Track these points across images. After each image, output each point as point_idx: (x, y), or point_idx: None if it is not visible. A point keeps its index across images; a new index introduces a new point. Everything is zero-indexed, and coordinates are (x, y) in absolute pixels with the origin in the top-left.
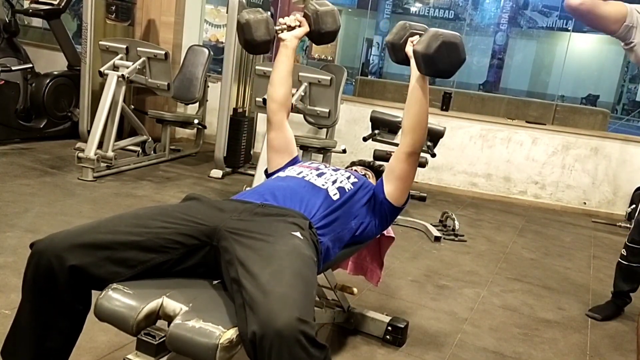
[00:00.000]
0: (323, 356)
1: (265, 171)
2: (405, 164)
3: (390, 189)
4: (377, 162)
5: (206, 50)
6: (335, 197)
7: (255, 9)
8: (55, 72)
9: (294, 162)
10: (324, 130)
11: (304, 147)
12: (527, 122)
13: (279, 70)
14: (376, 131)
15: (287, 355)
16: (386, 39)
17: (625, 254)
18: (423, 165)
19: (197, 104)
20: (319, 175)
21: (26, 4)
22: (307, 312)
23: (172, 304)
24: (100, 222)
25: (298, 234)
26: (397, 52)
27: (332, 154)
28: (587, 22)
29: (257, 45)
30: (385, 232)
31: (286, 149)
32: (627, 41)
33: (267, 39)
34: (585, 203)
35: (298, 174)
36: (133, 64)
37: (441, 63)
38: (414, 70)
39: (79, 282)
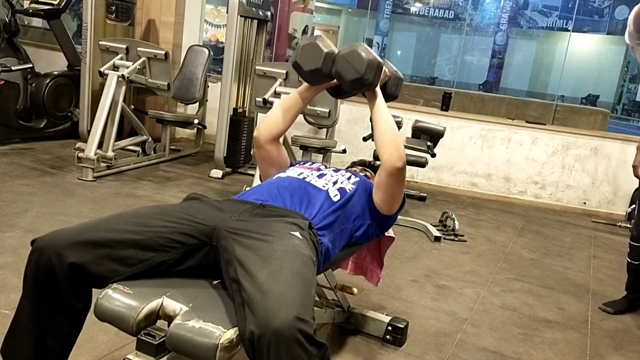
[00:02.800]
0: (322, 354)
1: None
2: (387, 179)
3: (378, 201)
4: (377, 162)
5: (206, 50)
6: (335, 198)
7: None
8: (55, 72)
9: (299, 163)
10: (324, 130)
11: (304, 147)
12: (527, 122)
13: (305, 101)
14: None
15: (285, 353)
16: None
17: (631, 253)
18: (423, 165)
19: (197, 104)
20: (320, 176)
21: (26, 4)
22: (306, 311)
23: (172, 304)
24: (100, 221)
25: (297, 234)
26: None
27: (332, 154)
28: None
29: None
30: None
31: (280, 164)
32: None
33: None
34: (585, 203)
35: (299, 174)
36: (133, 64)
37: (349, 74)
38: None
39: (78, 279)
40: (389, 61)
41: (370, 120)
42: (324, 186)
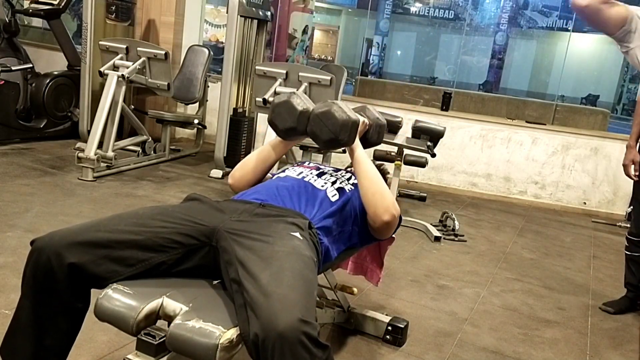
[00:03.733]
0: (325, 356)
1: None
2: (377, 230)
3: (372, 231)
4: (377, 162)
5: (206, 50)
6: (334, 199)
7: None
8: (55, 72)
9: (299, 163)
10: None
11: (303, 147)
12: (527, 122)
13: (278, 154)
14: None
15: (290, 356)
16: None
17: (627, 245)
18: (423, 165)
19: (197, 104)
20: (319, 175)
21: (26, 4)
22: (309, 313)
23: (172, 304)
24: (100, 221)
25: (297, 234)
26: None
27: (332, 153)
28: (590, 22)
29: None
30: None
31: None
32: (624, 44)
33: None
34: (585, 203)
35: (298, 174)
36: (133, 64)
37: (324, 135)
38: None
39: (77, 279)
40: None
41: None
42: (322, 186)
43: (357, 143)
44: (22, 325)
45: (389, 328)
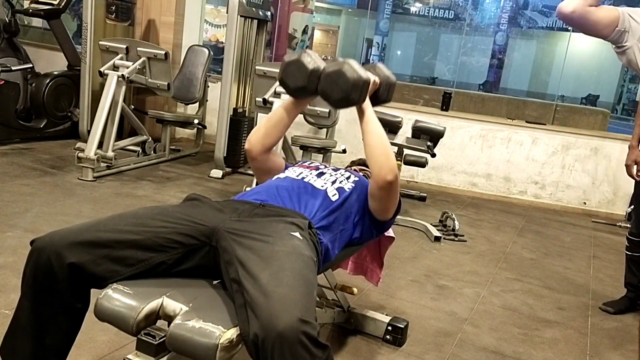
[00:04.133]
0: (325, 356)
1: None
2: (379, 192)
3: (372, 208)
4: None
5: (206, 50)
6: (334, 198)
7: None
8: (55, 72)
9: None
10: (324, 130)
11: (304, 147)
12: (527, 122)
13: (292, 116)
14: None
15: (290, 356)
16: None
17: (628, 245)
18: (423, 165)
19: (197, 104)
20: (319, 175)
21: (26, 4)
22: (309, 313)
23: (172, 304)
24: (100, 221)
25: (297, 234)
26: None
27: (332, 154)
28: (579, 28)
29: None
30: (384, 232)
31: (276, 172)
32: (619, 44)
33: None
34: (585, 203)
35: (297, 175)
36: (133, 64)
37: (335, 94)
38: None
39: (77, 279)
40: (384, 64)
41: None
42: (322, 186)
43: (367, 102)
44: (22, 325)
45: (389, 328)
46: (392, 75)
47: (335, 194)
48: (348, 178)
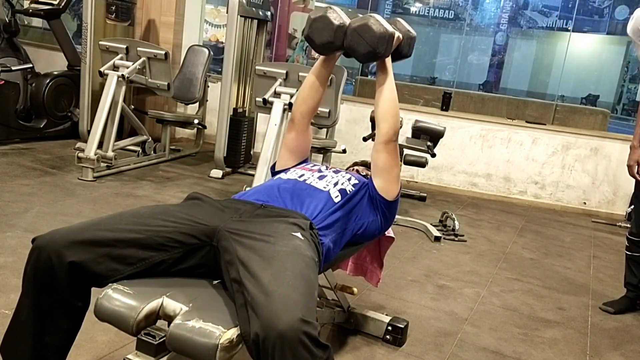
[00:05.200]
0: (326, 356)
1: (272, 167)
2: (384, 153)
3: (379, 183)
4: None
5: (206, 50)
6: (336, 200)
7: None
8: (55, 72)
9: (301, 163)
10: (324, 130)
11: None
12: (527, 122)
13: (322, 76)
14: (376, 131)
15: (291, 356)
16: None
17: (628, 245)
18: (423, 165)
19: (197, 104)
20: (320, 177)
21: (26, 4)
22: (310, 313)
23: (172, 304)
24: (101, 220)
25: (298, 234)
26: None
27: (332, 154)
28: None
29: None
30: (385, 232)
31: (301, 152)
32: None
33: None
34: (585, 203)
35: (299, 176)
36: (133, 64)
37: (361, 48)
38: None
39: (78, 278)
40: (399, 21)
41: (371, 120)
42: (324, 187)
43: (389, 58)
44: (22, 323)
45: (389, 328)
46: (412, 30)
47: (338, 195)
48: (349, 180)
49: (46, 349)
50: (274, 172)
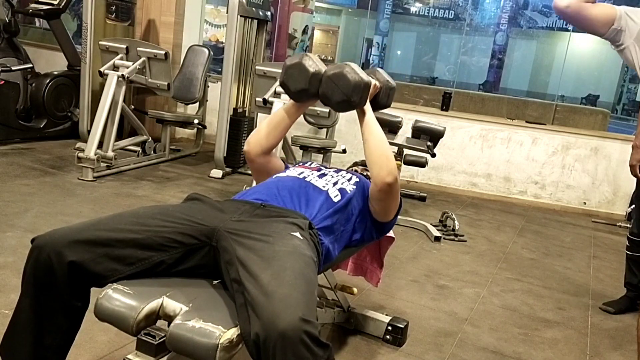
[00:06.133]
0: (327, 355)
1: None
2: (379, 194)
3: (373, 210)
4: None
5: (206, 50)
6: (336, 199)
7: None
8: (55, 72)
9: (300, 164)
10: (324, 130)
11: (304, 147)
12: (527, 122)
13: (291, 120)
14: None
15: (292, 355)
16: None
17: (628, 245)
18: (423, 165)
19: (197, 104)
20: (320, 176)
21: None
22: (310, 312)
23: (172, 304)
24: (100, 220)
25: (298, 234)
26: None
27: (332, 154)
28: (574, 23)
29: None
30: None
31: (273, 172)
32: (617, 43)
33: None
34: (585, 203)
35: (299, 174)
36: (133, 64)
37: (335, 96)
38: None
39: (77, 278)
40: (384, 64)
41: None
42: (324, 187)
43: (368, 105)
44: (22, 323)
45: (389, 328)
46: (392, 80)
47: (337, 194)
48: (349, 179)
49: (46, 349)
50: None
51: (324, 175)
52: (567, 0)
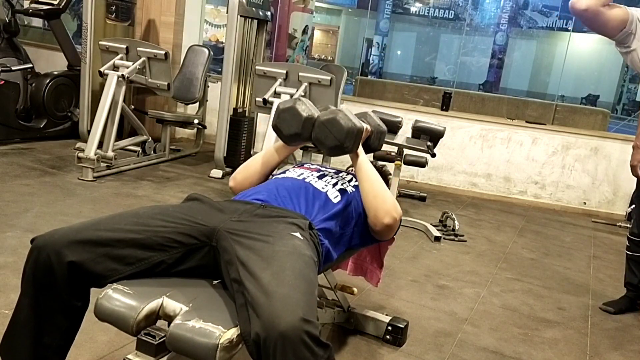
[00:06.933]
0: (327, 355)
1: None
2: (378, 234)
3: (372, 231)
4: (379, 163)
5: (206, 50)
6: (335, 200)
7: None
8: (55, 72)
9: (299, 164)
10: None
11: (304, 148)
12: (527, 122)
13: (279, 160)
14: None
15: (292, 355)
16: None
17: (628, 245)
18: (423, 165)
19: (197, 104)
20: (320, 177)
21: (26, 4)
22: (310, 312)
23: (172, 304)
24: (100, 220)
25: (298, 234)
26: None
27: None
28: (589, 25)
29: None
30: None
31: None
32: (624, 45)
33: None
34: (585, 203)
35: (299, 175)
36: (133, 64)
37: (328, 141)
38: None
39: (77, 278)
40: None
41: None
42: (323, 188)
43: (360, 149)
44: (22, 323)
45: (389, 328)
46: (382, 124)
47: (337, 196)
48: (350, 180)
49: (45, 349)
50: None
51: (324, 176)
52: (586, 3)
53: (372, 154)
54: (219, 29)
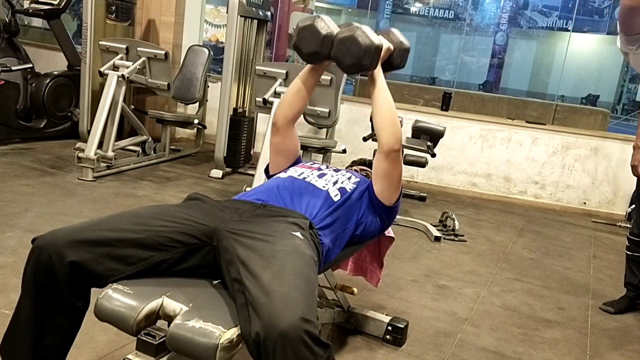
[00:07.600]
0: (327, 355)
1: (266, 169)
2: (386, 163)
3: (378, 189)
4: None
5: (206, 50)
6: (336, 198)
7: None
8: (55, 72)
9: (295, 163)
10: (324, 130)
11: (304, 147)
12: (527, 122)
13: (309, 83)
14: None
15: (292, 355)
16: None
17: (628, 245)
18: (423, 165)
19: (197, 104)
20: (320, 176)
21: (26, 4)
22: (310, 312)
23: (172, 304)
24: (101, 220)
25: (298, 234)
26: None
27: (332, 154)
28: (627, 20)
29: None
30: (385, 232)
31: (290, 153)
32: (630, 46)
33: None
34: (585, 203)
35: (299, 175)
36: (133, 64)
37: (347, 59)
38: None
39: (78, 278)
40: (393, 32)
41: (371, 120)
42: (324, 186)
43: (379, 69)
44: (22, 323)
45: (389, 328)
46: (406, 41)
47: (337, 194)
48: (349, 178)
49: (46, 349)
50: (268, 175)
51: (324, 174)
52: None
53: (372, 154)
54: (219, 29)
